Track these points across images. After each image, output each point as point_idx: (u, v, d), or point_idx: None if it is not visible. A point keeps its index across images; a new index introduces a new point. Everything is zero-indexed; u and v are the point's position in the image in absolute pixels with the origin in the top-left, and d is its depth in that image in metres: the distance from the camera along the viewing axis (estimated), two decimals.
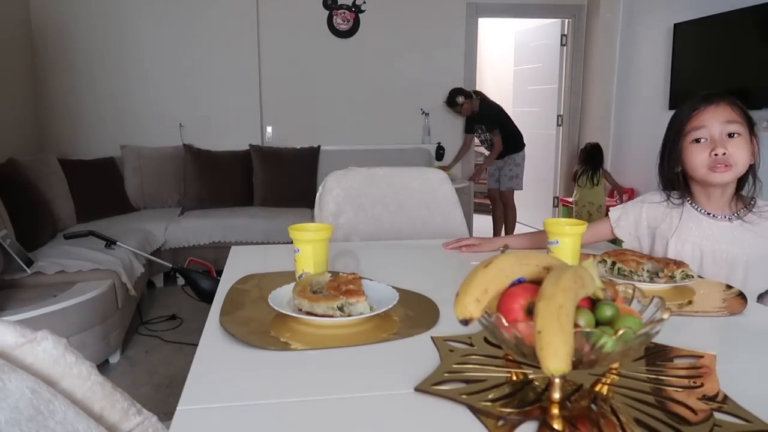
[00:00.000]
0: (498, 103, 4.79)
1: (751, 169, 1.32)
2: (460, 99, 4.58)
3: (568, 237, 1.20)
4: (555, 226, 1.21)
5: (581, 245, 1.24)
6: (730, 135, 1.28)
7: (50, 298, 2.37)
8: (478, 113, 4.64)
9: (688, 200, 1.39)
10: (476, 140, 4.99)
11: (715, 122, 1.28)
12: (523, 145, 4.78)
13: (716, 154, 1.27)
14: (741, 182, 1.35)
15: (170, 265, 3.10)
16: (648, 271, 1.18)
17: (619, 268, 1.19)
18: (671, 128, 1.36)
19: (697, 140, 1.30)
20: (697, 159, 1.30)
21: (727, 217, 1.34)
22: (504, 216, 4.92)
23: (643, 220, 1.45)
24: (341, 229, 1.80)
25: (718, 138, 1.28)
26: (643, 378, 0.77)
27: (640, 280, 1.16)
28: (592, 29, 4.86)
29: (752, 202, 1.34)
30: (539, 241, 1.43)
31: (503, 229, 4.93)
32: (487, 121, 4.67)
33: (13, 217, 2.75)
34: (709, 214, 1.36)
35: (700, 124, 1.29)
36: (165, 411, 1.03)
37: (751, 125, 1.30)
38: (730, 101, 1.29)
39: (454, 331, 0.92)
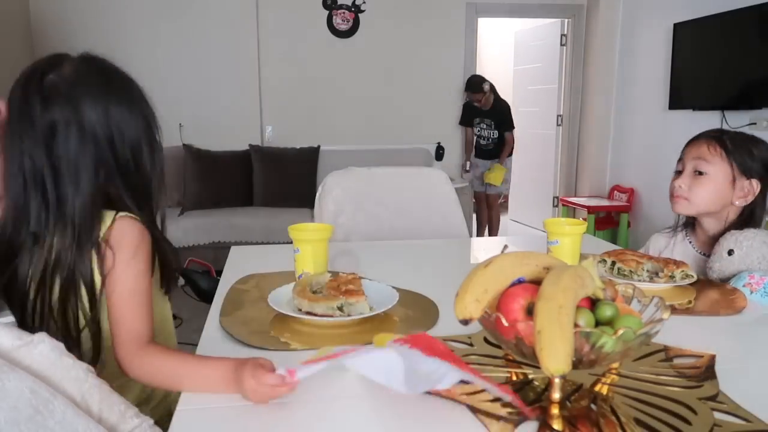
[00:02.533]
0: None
1: (746, 210, 1.31)
2: (487, 86, 4.45)
3: (567, 237, 1.20)
4: (555, 226, 1.21)
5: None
6: (698, 172, 1.32)
7: None
8: (491, 108, 4.53)
9: (687, 237, 1.43)
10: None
11: (689, 158, 1.35)
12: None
13: (674, 185, 1.36)
14: (745, 221, 1.33)
15: None
16: (648, 271, 1.18)
17: (619, 268, 1.19)
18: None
19: (677, 171, 1.39)
20: (670, 186, 1.40)
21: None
22: (489, 218, 4.85)
23: (654, 250, 1.48)
24: (341, 229, 1.79)
25: (685, 172, 1.35)
26: (643, 378, 0.77)
27: (640, 280, 1.16)
28: (592, 29, 4.86)
29: None
30: None
31: (487, 232, 4.89)
32: (499, 118, 4.54)
33: None
34: (700, 252, 1.39)
35: (681, 156, 1.39)
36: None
37: (744, 167, 1.30)
38: (711, 141, 1.32)
39: (454, 331, 0.92)
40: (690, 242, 1.41)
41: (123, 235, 0.86)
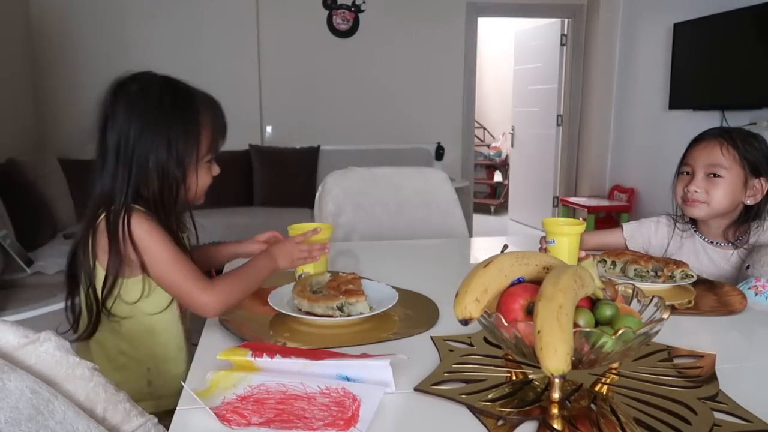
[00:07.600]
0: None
1: (753, 209, 1.32)
2: None
3: (564, 237, 1.19)
4: (552, 226, 1.20)
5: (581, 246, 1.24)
6: (713, 175, 1.31)
7: (50, 298, 2.37)
8: None
9: (693, 228, 1.42)
10: (476, 140, 4.92)
11: (699, 161, 1.33)
12: None
13: (687, 190, 1.34)
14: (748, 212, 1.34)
15: None
16: (648, 270, 1.18)
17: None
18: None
19: (684, 173, 1.38)
20: (677, 189, 1.39)
21: (728, 244, 1.35)
22: None
23: (655, 238, 1.47)
24: (341, 229, 1.79)
25: (697, 175, 1.33)
26: (643, 378, 0.77)
27: (640, 280, 1.16)
28: (592, 29, 4.86)
29: (750, 230, 1.34)
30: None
31: None
32: None
33: (13, 217, 2.75)
34: (712, 242, 1.38)
35: (687, 159, 1.37)
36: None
37: (753, 167, 1.30)
38: (723, 142, 1.31)
39: (453, 331, 0.92)
40: (700, 236, 1.39)
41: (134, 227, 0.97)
